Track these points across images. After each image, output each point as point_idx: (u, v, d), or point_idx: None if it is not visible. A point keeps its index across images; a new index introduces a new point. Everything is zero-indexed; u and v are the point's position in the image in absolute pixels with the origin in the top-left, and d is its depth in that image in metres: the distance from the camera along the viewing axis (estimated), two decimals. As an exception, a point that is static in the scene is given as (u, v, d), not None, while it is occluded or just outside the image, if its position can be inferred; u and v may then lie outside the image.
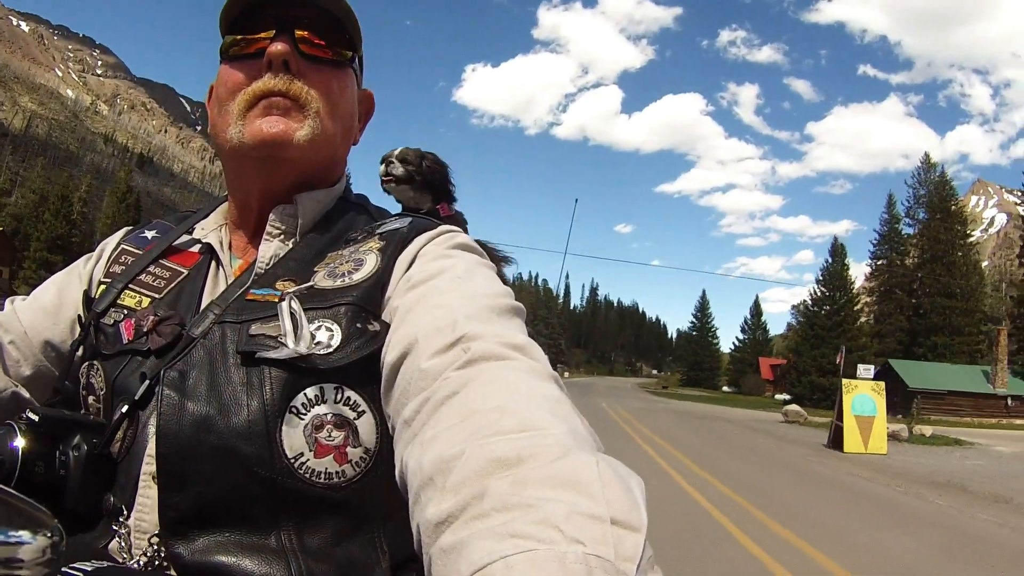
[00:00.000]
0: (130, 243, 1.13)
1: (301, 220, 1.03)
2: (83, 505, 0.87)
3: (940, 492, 12.23)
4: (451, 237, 1.01)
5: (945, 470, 15.73)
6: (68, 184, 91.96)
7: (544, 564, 0.43)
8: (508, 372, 0.69)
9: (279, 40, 0.97)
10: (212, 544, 0.82)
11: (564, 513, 0.46)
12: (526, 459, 0.53)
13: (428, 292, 0.86)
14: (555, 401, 0.64)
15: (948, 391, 51.47)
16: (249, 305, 0.92)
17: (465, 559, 0.46)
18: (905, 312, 70.38)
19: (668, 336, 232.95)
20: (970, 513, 10.09)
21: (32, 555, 0.58)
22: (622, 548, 0.45)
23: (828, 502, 10.57)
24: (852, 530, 8.32)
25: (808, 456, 18.00)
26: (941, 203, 72.02)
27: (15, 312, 1.09)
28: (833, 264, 75.62)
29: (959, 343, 64.94)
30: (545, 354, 0.77)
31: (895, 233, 74.87)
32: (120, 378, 0.93)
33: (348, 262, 0.96)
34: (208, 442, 0.83)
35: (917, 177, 74.89)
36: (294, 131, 0.97)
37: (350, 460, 0.85)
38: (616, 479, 0.51)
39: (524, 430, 0.57)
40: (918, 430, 26.86)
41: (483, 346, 0.72)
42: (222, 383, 0.86)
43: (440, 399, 0.67)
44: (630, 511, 0.48)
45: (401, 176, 2.57)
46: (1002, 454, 21.92)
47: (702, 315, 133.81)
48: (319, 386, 0.85)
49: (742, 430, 27.18)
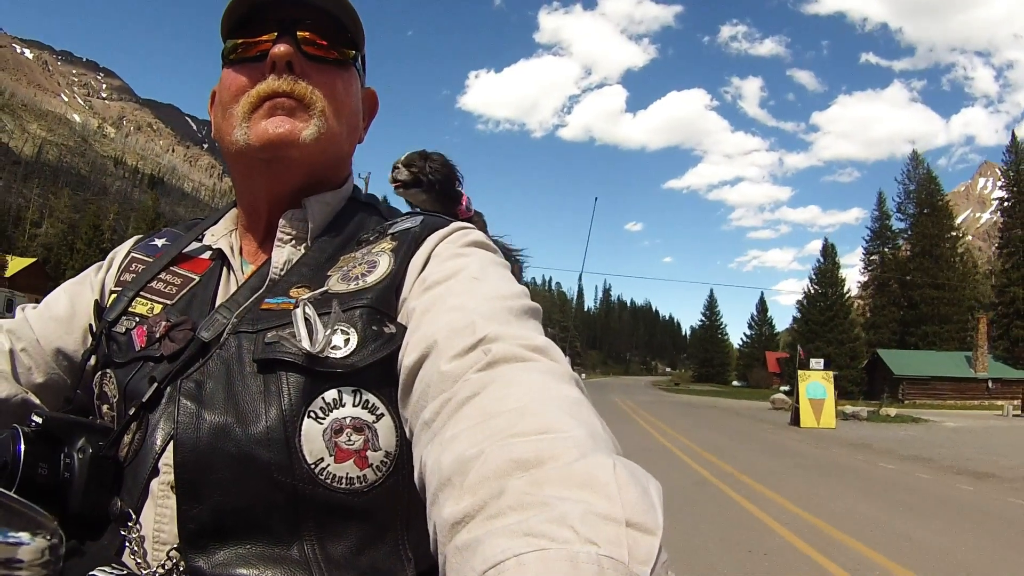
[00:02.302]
0: (140, 251, 1.13)
1: (311, 224, 1.03)
2: (88, 509, 0.86)
3: (856, 451, 17.26)
4: (464, 234, 1.00)
5: (875, 438, 20.79)
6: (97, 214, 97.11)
7: (557, 563, 0.43)
8: (529, 374, 0.68)
9: (282, 41, 0.97)
10: (233, 557, 0.81)
11: (579, 513, 0.46)
12: (545, 460, 0.53)
13: (444, 293, 0.85)
14: (575, 403, 0.64)
15: (931, 377, 56.32)
16: (264, 314, 0.91)
17: (479, 556, 0.46)
18: (898, 303, 74.81)
19: (682, 333, 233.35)
20: (879, 464, 14.44)
21: (31, 556, 0.58)
22: (636, 550, 0.45)
23: (765, 455, 15.73)
24: (775, 470, 13.16)
25: (770, 430, 23.69)
26: (928, 199, 76.28)
27: (27, 320, 1.09)
28: (825, 263, 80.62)
29: (948, 331, 69.34)
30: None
31: (886, 228, 79.44)
32: (131, 384, 0.93)
33: (361, 264, 0.95)
34: (226, 450, 0.82)
35: (906, 173, 79.32)
36: (300, 131, 0.97)
37: (371, 464, 0.84)
38: (633, 481, 0.50)
39: (544, 432, 0.57)
40: (884, 411, 32.09)
41: (503, 348, 0.71)
42: (239, 392, 0.85)
43: (460, 400, 0.67)
44: (646, 513, 0.48)
45: (408, 180, 2.57)
46: (944, 427, 26.60)
47: (711, 312, 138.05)
48: (337, 389, 0.84)
49: (729, 415, 32.81)
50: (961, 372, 56.83)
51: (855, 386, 63.63)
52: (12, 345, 1.05)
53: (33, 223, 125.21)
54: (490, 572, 0.44)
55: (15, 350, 1.04)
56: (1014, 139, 70.38)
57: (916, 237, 75.02)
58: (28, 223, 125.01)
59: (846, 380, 62.89)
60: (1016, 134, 70.56)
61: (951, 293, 71.64)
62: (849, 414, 30.16)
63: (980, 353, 56.27)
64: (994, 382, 55.50)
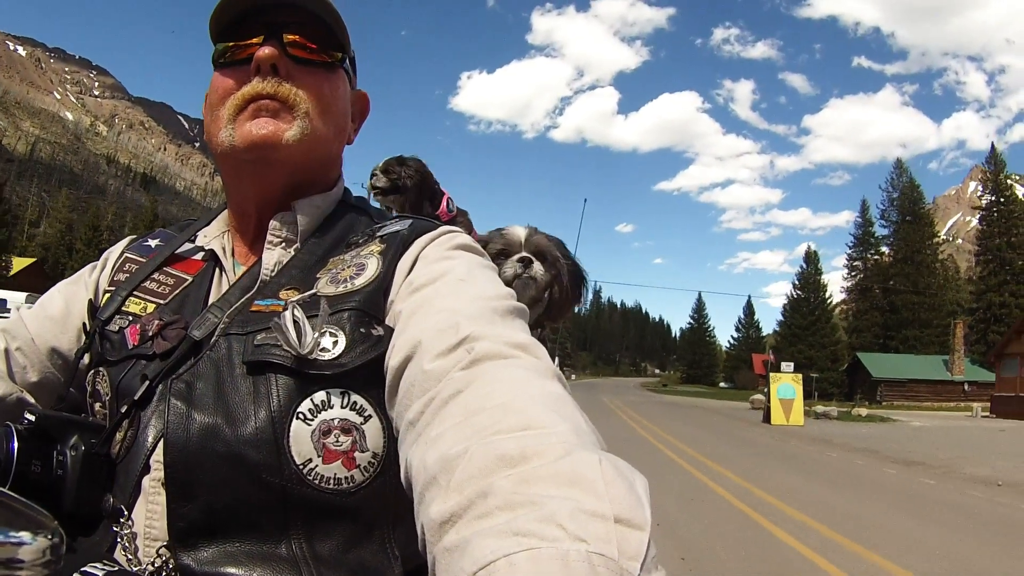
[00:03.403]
0: (134, 251, 1.14)
1: (301, 227, 1.03)
2: (81, 506, 0.85)
3: (812, 444, 19.31)
4: (451, 238, 1.01)
5: (836, 434, 22.75)
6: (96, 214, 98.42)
7: (547, 562, 0.43)
8: (512, 371, 0.69)
9: (267, 44, 0.98)
10: (221, 554, 0.81)
11: (568, 511, 0.46)
12: (530, 457, 0.53)
13: (431, 295, 0.86)
14: (558, 399, 0.64)
15: (909, 379, 58.40)
16: (254, 316, 0.91)
17: (468, 557, 0.46)
18: (880, 308, 76.85)
19: (672, 335, 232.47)
20: (827, 454, 16.61)
21: (32, 556, 0.58)
22: (626, 546, 0.45)
23: (729, 445, 17.96)
24: (732, 456, 15.19)
25: (742, 426, 26.01)
26: (911, 206, 78.64)
27: (22, 320, 1.09)
28: (807, 269, 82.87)
29: (928, 335, 71.36)
30: (549, 355, 0.76)
31: (869, 235, 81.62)
32: (124, 381, 0.93)
33: (350, 267, 0.96)
34: (216, 450, 0.83)
35: (890, 181, 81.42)
36: (283, 132, 0.97)
37: (358, 465, 0.84)
38: (619, 477, 0.50)
39: (527, 428, 0.57)
40: (856, 411, 34.30)
41: (486, 346, 0.72)
42: (229, 393, 0.86)
43: (444, 399, 0.67)
44: (634, 509, 0.48)
45: (386, 187, 2.57)
46: (909, 426, 28.42)
47: (699, 315, 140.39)
48: (325, 391, 0.84)
49: (709, 413, 35.11)
50: (938, 375, 58.75)
51: (836, 388, 66.04)
52: (7, 344, 1.05)
53: (31, 222, 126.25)
54: (480, 573, 0.44)
55: (10, 349, 1.04)
56: (994, 150, 72.83)
57: (898, 244, 77.20)
58: (27, 222, 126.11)
59: (827, 382, 65.34)
60: (995, 145, 72.79)
61: (931, 298, 73.75)
62: (820, 413, 32.31)
63: (957, 357, 58.18)
64: (970, 384, 57.00)
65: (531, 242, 1.91)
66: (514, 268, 1.84)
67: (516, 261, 1.85)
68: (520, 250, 1.88)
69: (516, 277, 1.83)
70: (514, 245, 1.90)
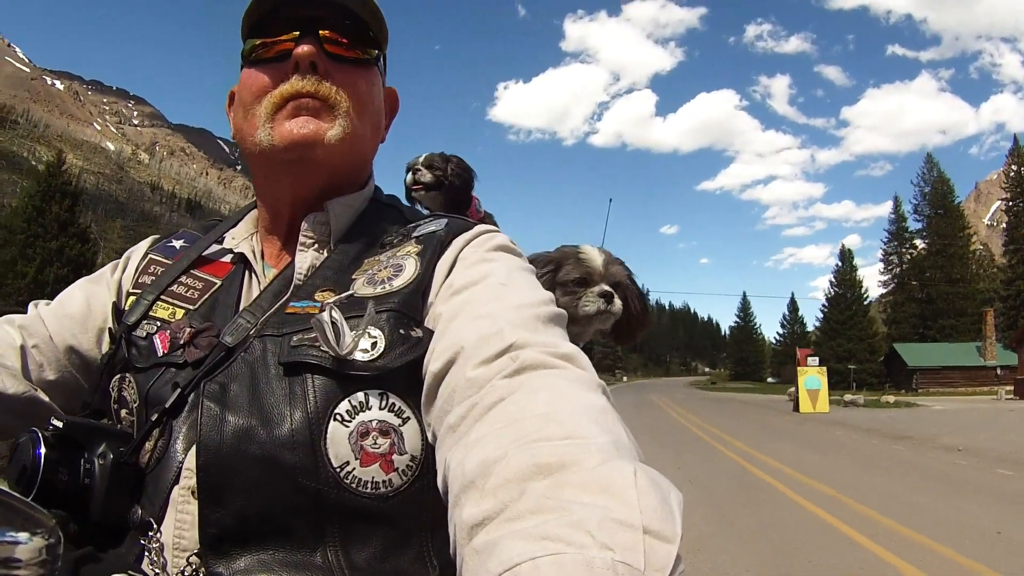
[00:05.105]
0: (158, 252, 1.11)
1: (334, 227, 1.01)
2: (109, 516, 0.83)
3: (829, 426, 22.64)
4: (490, 238, 0.99)
5: (855, 419, 25.75)
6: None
7: (572, 568, 0.43)
8: (556, 381, 0.68)
9: (305, 41, 0.95)
10: (255, 563, 0.79)
11: (597, 519, 0.46)
12: (567, 465, 0.52)
13: (471, 299, 0.85)
14: (601, 411, 0.63)
15: (943, 367, 60.59)
16: (289, 318, 0.89)
17: (495, 558, 0.46)
18: (916, 299, 78.63)
19: (721, 333, 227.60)
20: (831, 432, 20.13)
21: (29, 555, 0.57)
22: (653, 558, 0.44)
23: (751, 428, 22.01)
24: (750, 433, 18.97)
25: (771, 414, 29.62)
26: (941, 200, 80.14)
27: (40, 316, 1.06)
28: (843, 267, 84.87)
29: (964, 323, 72.83)
30: (592, 363, 0.76)
31: (903, 230, 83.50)
32: (153, 389, 0.90)
33: (387, 268, 0.93)
34: (250, 453, 0.80)
35: (921, 176, 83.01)
36: (325, 131, 0.95)
37: (396, 468, 0.82)
38: (653, 488, 0.50)
39: (568, 438, 0.56)
40: (884, 399, 37.59)
41: (531, 355, 0.71)
42: (264, 394, 0.83)
43: (487, 405, 0.66)
44: (664, 521, 0.47)
45: (430, 183, 2.47)
46: (931, 410, 31.09)
47: (744, 313, 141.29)
48: (364, 392, 0.82)
49: (746, 406, 38.71)
50: (972, 361, 60.68)
51: (875, 378, 68.60)
52: (24, 341, 1.02)
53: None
54: (506, 574, 0.44)
55: (27, 346, 1.02)
56: (1016, 143, 74.12)
57: (931, 237, 78.85)
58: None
59: (866, 373, 67.87)
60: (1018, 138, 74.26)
61: (965, 287, 75.41)
62: (848, 401, 35.48)
63: (989, 343, 60.12)
64: (1003, 369, 58.24)
65: (610, 272, 1.93)
66: (596, 305, 1.87)
67: (599, 296, 1.88)
68: (600, 280, 1.90)
69: (599, 313, 1.87)
70: (595, 275, 1.90)
